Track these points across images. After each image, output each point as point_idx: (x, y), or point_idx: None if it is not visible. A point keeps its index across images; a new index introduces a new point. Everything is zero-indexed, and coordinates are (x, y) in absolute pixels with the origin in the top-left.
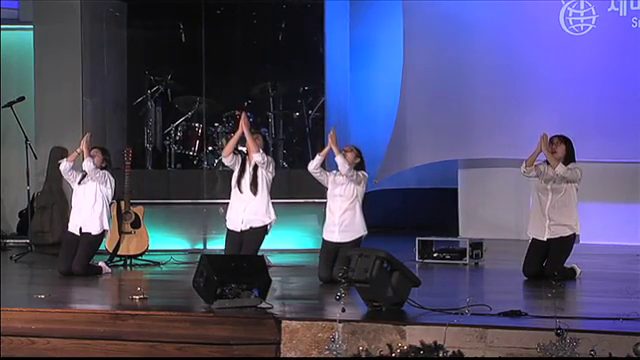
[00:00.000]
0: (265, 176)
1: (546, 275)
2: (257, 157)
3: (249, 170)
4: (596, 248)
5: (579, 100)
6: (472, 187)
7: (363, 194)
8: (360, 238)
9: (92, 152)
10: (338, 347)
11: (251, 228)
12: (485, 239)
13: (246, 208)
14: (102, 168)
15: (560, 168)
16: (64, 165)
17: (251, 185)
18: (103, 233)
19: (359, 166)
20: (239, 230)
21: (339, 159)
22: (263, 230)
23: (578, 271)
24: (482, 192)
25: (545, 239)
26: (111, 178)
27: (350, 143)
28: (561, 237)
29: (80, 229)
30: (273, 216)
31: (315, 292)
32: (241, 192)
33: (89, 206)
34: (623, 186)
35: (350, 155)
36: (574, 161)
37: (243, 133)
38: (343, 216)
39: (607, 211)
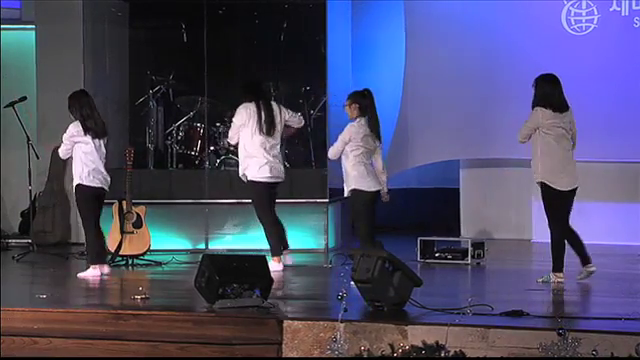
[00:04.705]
0: None
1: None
2: None
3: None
4: (597, 248)
5: (581, 100)
6: (474, 187)
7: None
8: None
9: None
10: (340, 347)
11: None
12: (487, 239)
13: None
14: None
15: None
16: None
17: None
18: (79, 187)
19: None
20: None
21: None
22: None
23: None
24: (484, 192)
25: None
26: (70, 128)
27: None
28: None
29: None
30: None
31: (317, 292)
32: None
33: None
34: (624, 186)
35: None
36: (536, 106)
37: None
38: None
39: (608, 211)
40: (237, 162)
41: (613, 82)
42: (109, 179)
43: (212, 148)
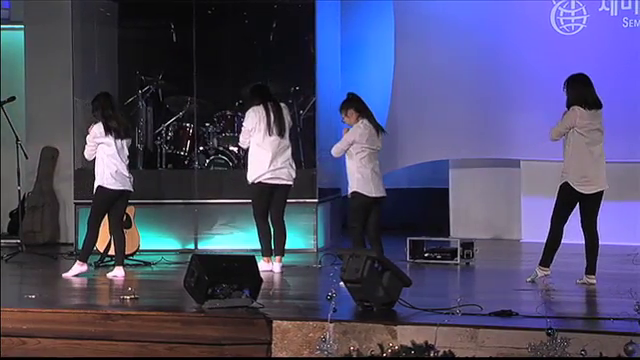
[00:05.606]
0: None
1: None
2: None
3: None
4: None
5: None
6: (463, 187)
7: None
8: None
9: None
10: (329, 347)
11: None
12: (476, 239)
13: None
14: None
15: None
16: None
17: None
18: (99, 188)
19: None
20: None
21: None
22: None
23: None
24: (473, 192)
25: None
26: (93, 129)
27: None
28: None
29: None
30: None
31: (306, 292)
32: None
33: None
34: (618, 186)
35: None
36: (572, 105)
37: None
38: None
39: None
40: (226, 162)
41: (602, 82)
42: (132, 179)
43: (201, 148)
